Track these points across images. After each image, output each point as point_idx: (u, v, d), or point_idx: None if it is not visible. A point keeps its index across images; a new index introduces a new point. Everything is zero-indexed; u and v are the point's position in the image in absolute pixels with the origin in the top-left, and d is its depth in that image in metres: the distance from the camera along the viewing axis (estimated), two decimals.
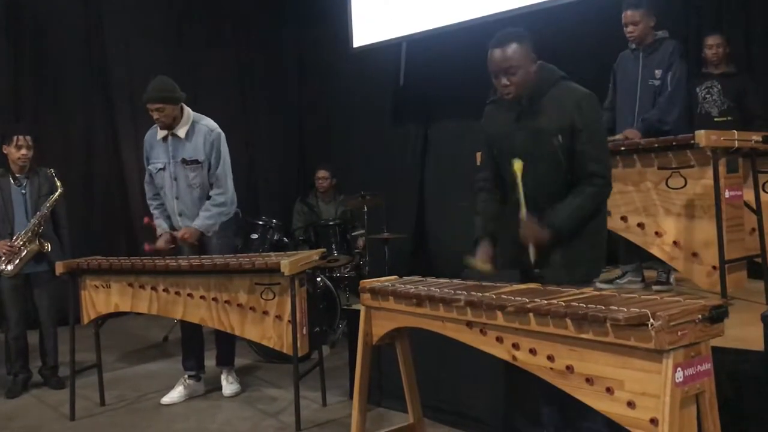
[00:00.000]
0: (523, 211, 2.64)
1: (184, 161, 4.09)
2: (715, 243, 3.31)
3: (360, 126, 7.18)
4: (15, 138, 4.38)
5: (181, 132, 4.08)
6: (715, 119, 4.59)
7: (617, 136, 3.73)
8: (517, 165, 2.63)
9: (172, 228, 4.20)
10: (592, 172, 2.61)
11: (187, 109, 4.14)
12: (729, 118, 4.57)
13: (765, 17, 4.80)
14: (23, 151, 4.38)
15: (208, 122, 4.17)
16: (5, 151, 4.41)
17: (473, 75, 5.98)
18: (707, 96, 4.64)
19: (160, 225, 4.23)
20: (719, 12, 4.98)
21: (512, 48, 2.59)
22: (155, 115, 4.03)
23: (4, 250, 4.30)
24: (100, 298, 3.92)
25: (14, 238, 4.35)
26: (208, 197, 4.13)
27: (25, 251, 4.33)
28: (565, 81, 2.69)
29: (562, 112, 2.60)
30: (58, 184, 4.46)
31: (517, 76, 2.60)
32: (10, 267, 4.31)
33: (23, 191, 4.43)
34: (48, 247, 4.40)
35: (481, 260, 2.76)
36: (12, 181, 4.43)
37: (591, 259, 2.72)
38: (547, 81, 2.66)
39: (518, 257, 2.70)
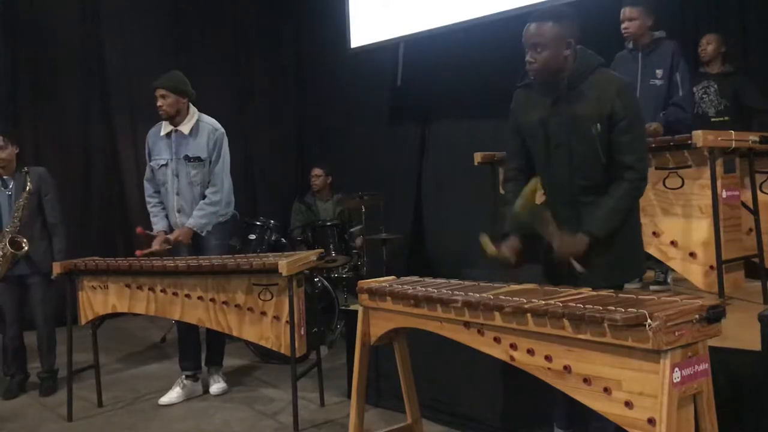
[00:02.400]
0: (555, 237, 2.53)
1: (187, 158, 4.11)
2: (712, 243, 3.32)
3: (358, 126, 7.18)
4: None
5: (186, 128, 4.11)
6: (712, 119, 4.60)
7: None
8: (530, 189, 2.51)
9: (170, 227, 4.20)
10: (628, 164, 2.51)
11: (193, 108, 4.18)
12: (726, 118, 4.57)
13: (763, 18, 4.81)
14: None
15: (213, 121, 4.22)
16: None
17: (471, 75, 6.06)
18: (704, 96, 4.65)
19: (156, 224, 4.23)
20: (717, 12, 4.99)
21: (547, 26, 2.50)
22: (158, 102, 4.06)
23: None
24: (97, 299, 3.92)
25: None
26: (204, 196, 4.14)
27: (1, 254, 4.28)
28: (603, 68, 2.61)
29: (602, 99, 2.51)
30: (29, 181, 4.36)
31: (542, 55, 2.51)
32: None
33: (8, 193, 4.39)
34: (25, 245, 4.29)
35: (497, 248, 2.61)
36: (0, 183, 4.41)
37: (630, 260, 2.65)
38: (586, 67, 2.57)
39: (553, 264, 2.62)
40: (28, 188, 4.35)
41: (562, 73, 2.55)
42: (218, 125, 4.21)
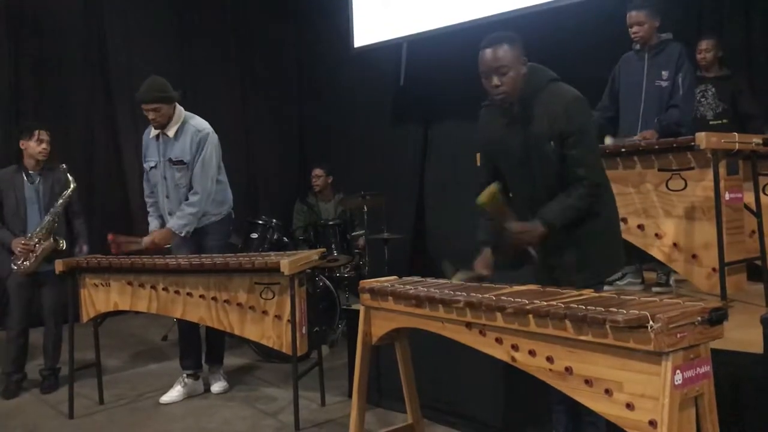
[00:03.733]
0: (512, 224, 2.65)
1: (171, 161, 4.11)
2: (714, 245, 3.31)
3: (360, 126, 7.19)
4: (37, 132, 4.39)
5: (171, 131, 4.10)
6: (711, 122, 4.60)
7: (635, 137, 3.73)
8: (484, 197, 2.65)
9: (162, 227, 4.21)
10: (580, 176, 2.60)
11: (179, 109, 4.15)
12: (724, 120, 4.58)
13: (765, 20, 4.80)
14: (44, 146, 4.41)
15: (198, 122, 4.16)
16: (23, 146, 4.41)
17: (473, 76, 5.94)
18: (702, 99, 4.65)
19: (150, 224, 4.26)
20: (720, 15, 4.99)
21: (503, 49, 2.59)
22: (151, 115, 4.04)
23: (19, 248, 4.29)
24: (99, 297, 3.92)
25: (29, 235, 4.34)
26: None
27: (41, 249, 4.31)
28: (554, 83, 2.67)
29: (551, 117, 2.59)
30: (71, 179, 4.43)
31: (508, 77, 2.59)
32: (27, 263, 4.31)
33: (37, 188, 4.42)
34: (63, 244, 4.36)
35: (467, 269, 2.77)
36: (25, 177, 4.42)
37: (600, 261, 2.72)
38: (536, 85, 2.65)
39: (526, 259, 2.71)
40: (72, 187, 4.41)
41: (518, 92, 2.63)
42: (203, 126, 4.14)
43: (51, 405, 4.15)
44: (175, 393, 4.14)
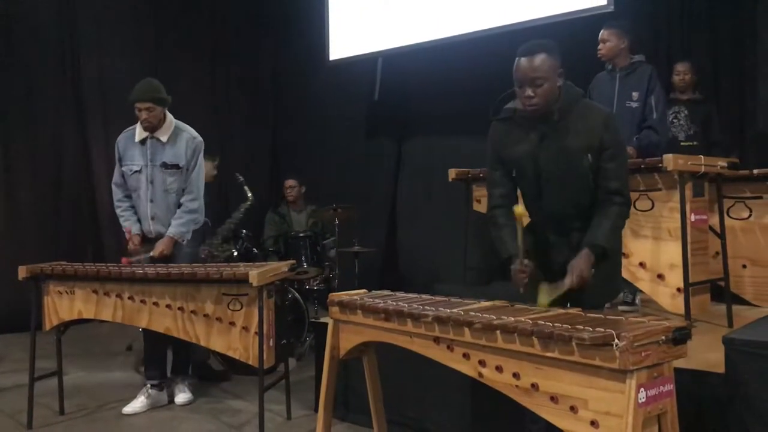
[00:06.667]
0: (567, 282, 2.50)
1: (165, 165, 4.09)
2: (680, 265, 3.37)
3: (334, 139, 7.19)
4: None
5: (163, 136, 4.09)
6: (682, 143, 4.70)
7: None
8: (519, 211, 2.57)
9: (143, 232, 4.16)
10: (614, 190, 2.54)
11: (170, 115, 4.17)
12: (695, 143, 4.69)
13: (732, 46, 4.93)
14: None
15: (190, 129, 4.22)
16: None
17: (447, 92, 6.11)
18: (675, 120, 4.76)
19: (132, 226, 4.15)
20: (688, 40, 5.10)
21: (540, 58, 2.49)
22: (144, 115, 4.02)
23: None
24: (63, 305, 3.84)
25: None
26: (179, 204, 4.12)
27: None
28: (585, 99, 2.65)
29: (590, 131, 2.52)
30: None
31: (543, 89, 2.48)
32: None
33: None
34: None
35: (545, 292, 2.53)
36: None
37: (614, 280, 2.72)
38: (572, 98, 2.58)
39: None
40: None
41: (554, 105, 2.55)
42: (196, 133, 4.21)
43: (9, 415, 4.05)
44: (138, 404, 4.07)
